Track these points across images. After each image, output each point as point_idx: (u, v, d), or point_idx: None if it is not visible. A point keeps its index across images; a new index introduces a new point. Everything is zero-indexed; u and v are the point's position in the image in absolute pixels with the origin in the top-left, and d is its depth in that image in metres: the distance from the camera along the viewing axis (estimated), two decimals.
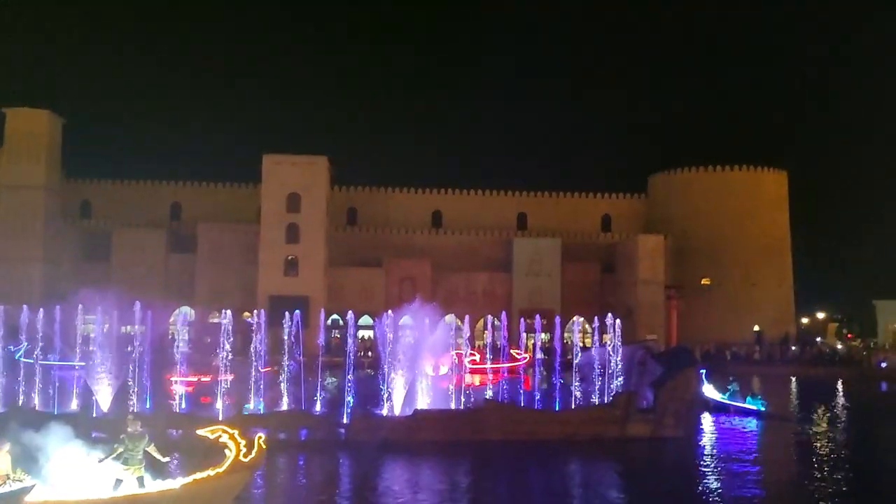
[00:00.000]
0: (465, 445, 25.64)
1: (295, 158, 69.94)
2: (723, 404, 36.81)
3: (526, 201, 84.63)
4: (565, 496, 19.92)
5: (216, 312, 72.49)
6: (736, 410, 36.13)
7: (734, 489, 20.90)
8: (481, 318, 76.83)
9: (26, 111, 67.84)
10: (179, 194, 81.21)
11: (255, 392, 29.39)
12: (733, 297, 78.55)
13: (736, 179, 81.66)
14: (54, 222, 69.23)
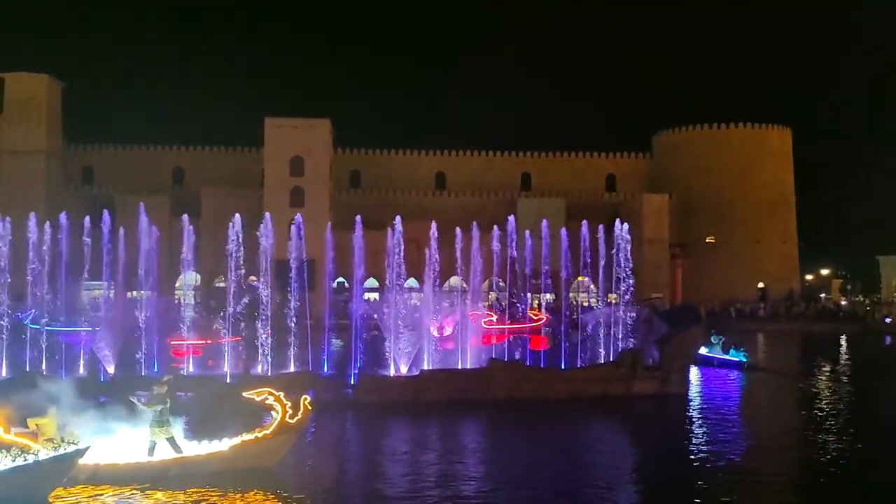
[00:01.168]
0: (472, 405, 25.77)
1: (297, 121, 69.56)
2: (708, 357, 37.05)
3: (530, 162, 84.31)
4: (570, 453, 20.03)
5: (221, 277, 72.88)
6: (720, 363, 36.48)
7: (723, 439, 21.17)
8: (486, 279, 77.19)
9: (25, 76, 67.35)
10: (182, 159, 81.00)
11: (263, 355, 29.53)
12: (738, 254, 78.54)
13: (740, 137, 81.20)
14: (56, 188, 69.07)
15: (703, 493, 16.15)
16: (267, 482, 15.86)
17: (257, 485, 15.63)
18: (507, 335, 42.46)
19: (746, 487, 16.54)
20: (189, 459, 16.13)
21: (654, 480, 17.35)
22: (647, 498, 16.10)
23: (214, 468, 16.05)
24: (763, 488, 16.55)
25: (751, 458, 19.31)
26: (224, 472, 15.96)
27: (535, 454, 19.58)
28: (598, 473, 17.69)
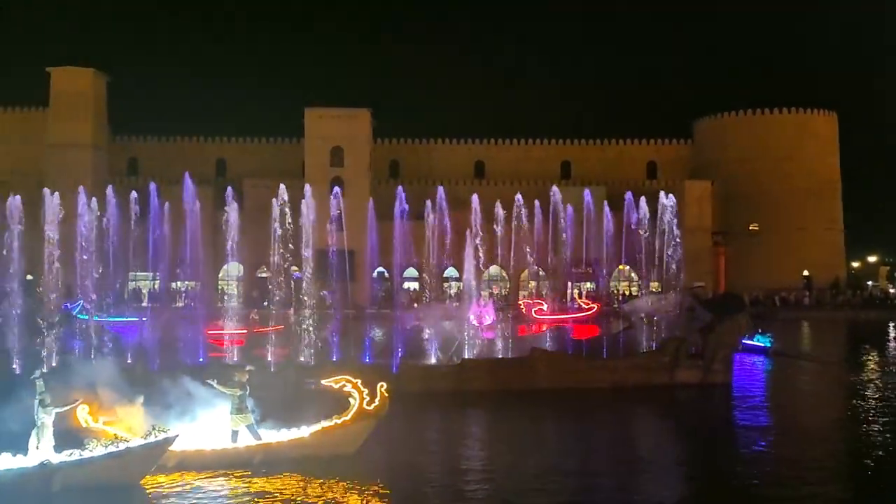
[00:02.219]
0: (514, 394, 25.83)
1: (337, 111, 69.90)
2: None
3: (569, 150, 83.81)
4: (613, 442, 20.01)
5: (263, 267, 73.74)
6: (744, 348, 36.14)
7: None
8: (525, 268, 76.98)
9: (70, 70, 68.50)
10: (224, 151, 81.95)
11: (306, 343, 29.86)
12: (782, 241, 77.33)
13: (784, 122, 79.83)
14: (102, 181, 70.26)
15: (747, 484, 16.06)
16: (346, 469, 16.17)
17: (337, 472, 15.96)
18: (558, 324, 42.62)
19: (790, 478, 16.38)
20: (272, 446, 16.57)
21: (700, 471, 17.26)
22: (693, 489, 16.02)
23: (295, 455, 16.49)
24: (808, 479, 16.37)
25: (793, 448, 19.11)
26: (304, 458, 16.37)
27: (582, 444, 19.61)
28: (642, 464, 17.66)
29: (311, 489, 15.17)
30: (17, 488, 14.13)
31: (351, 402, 16.96)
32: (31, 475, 14.23)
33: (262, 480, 15.53)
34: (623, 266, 76.83)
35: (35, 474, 14.24)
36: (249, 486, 15.34)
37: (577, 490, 15.54)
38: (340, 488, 15.27)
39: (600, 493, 15.60)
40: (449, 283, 75.12)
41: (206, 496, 14.83)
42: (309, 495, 14.85)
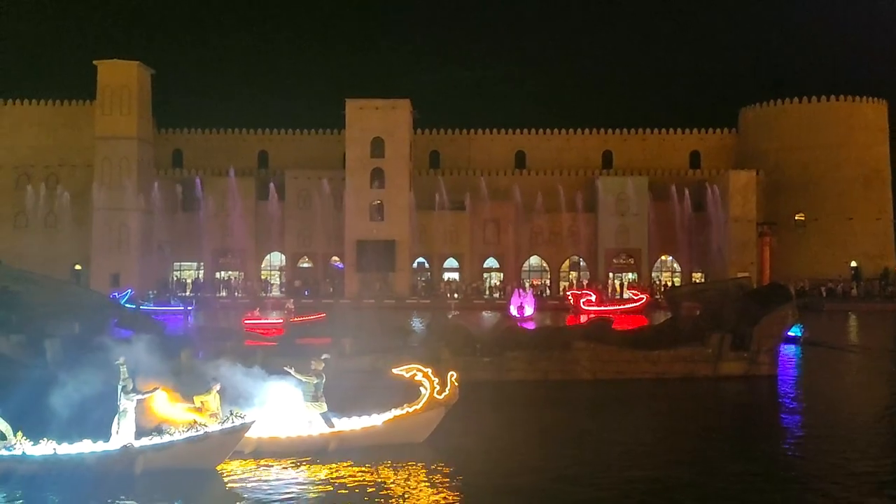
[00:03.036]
0: (554, 385, 25.70)
1: (377, 102, 70.08)
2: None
3: (611, 139, 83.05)
4: (657, 431, 19.78)
5: (305, 257, 74.44)
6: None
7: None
8: (566, 258, 76.61)
9: (117, 63, 69.55)
10: (266, 142, 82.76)
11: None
12: (829, 232, 75.90)
13: (832, 110, 78.15)
14: (148, 172, 71.44)
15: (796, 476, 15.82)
16: (417, 457, 16.40)
17: (408, 459, 16.21)
18: (607, 315, 42.23)
19: (835, 472, 16.10)
20: (346, 434, 16.85)
21: (751, 462, 17.01)
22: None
23: (368, 443, 16.74)
24: (858, 473, 16.08)
25: (841, 442, 18.77)
26: (376, 446, 16.62)
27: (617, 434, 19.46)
28: (691, 457, 17.47)
29: (384, 476, 15.42)
30: (101, 470, 14.77)
31: (422, 391, 17.19)
32: (114, 458, 14.85)
33: (335, 467, 15.82)
34: (665, 256, 76.16)
35: (118, 457, 14.84)
36: (323, 472, 15.63)
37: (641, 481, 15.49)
38: (412, 475, 15.51)
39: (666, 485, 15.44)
40: (489, 274, 75.08)
41: (280, 482, 15.17)
42: (381, 482, 15.10)
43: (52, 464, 14.77)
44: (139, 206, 69.36)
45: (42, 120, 76.69)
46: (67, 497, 14.04)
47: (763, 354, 27.84)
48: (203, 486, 14.89)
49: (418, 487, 14.99)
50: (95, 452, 14.90)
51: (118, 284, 63.59)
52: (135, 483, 14.58)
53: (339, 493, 14.65)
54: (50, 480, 14.45)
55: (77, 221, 73.39)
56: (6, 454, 14.87)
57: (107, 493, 14.17)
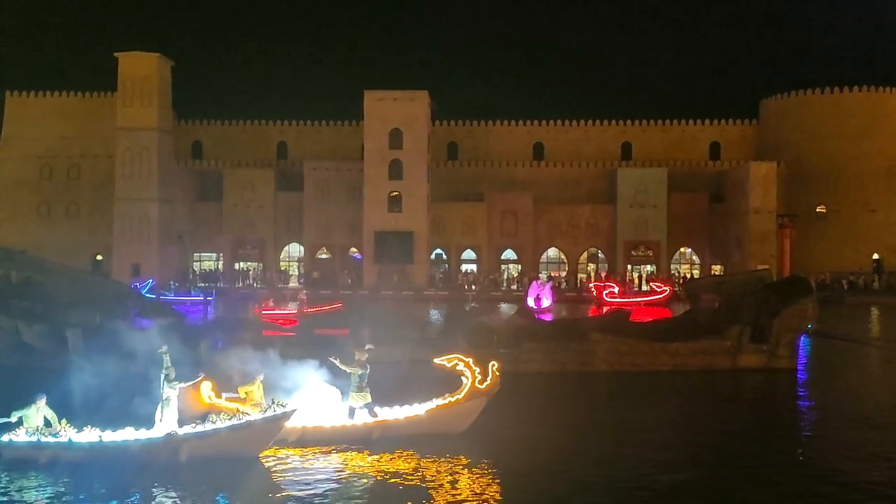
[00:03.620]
0: (572, 377, 25.69)
1: (396, 94, 70.06)
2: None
3: (630, 130, 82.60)
4: (676, 426, 19.74)
5: (324, 248, 74.72)
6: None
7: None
8: (585, 250, 76.38)
9: (137, 55, 69.93)
10: (285, 134, 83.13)
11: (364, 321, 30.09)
12: (851, 224, 75.11)
13: (854, 101, 77.22)
14: (168, 163, 71.87)
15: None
16: (458, 446, 16.61)
17: (449, 448, 16.39)
18: (629, 307, 42.07)
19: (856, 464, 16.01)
20: (389, 423, 17.10)
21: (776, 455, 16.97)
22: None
23: (410, 432, 17.01)
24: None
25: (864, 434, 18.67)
26: (418, 435, 16.87)
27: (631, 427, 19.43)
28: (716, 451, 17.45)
29: (426, 465, 15.63)
30: (146, 458, 15.08)
31: (463, 380, 17.36)
32: (158, 446, 15.15)
33: (378, 456, 16.07)
34: (685, 248, 75.75)
35: (163, 445, 15.14)
36: (365, 461, 15.90)
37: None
38: (453, 464, 15.70)
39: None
40: (507, 265, 75.02)
41: (323, 470, 15.47)
42: (423, 471, 15.30)
43: (98, 451, 15.10)
44: (159, 196, 69.83)
45: (65, 112, 77.38)
46: (112, 484, 14.27)
47: (782, 347, 27.70)
48: (245, 473, 15.11)
49: (458, 475, 15.17)
50: (140, 440, 15.19)
51: (139, 274, 64.12)
52: (179, 471, 14.82)
53: (381, 481, 14.87)
54: (95, 467, 14.71)
55: (98, 212, 74.05)
56: (53, 441, 15.24)
57: (151, 481, 14.45)
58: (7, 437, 15.35)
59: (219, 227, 74.95)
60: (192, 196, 76.40)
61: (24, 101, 77.97)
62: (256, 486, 14.73)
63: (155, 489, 14.22)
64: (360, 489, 14.54)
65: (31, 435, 15.33)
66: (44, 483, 14.44)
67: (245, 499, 14.21)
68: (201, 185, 77.44)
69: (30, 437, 15.30)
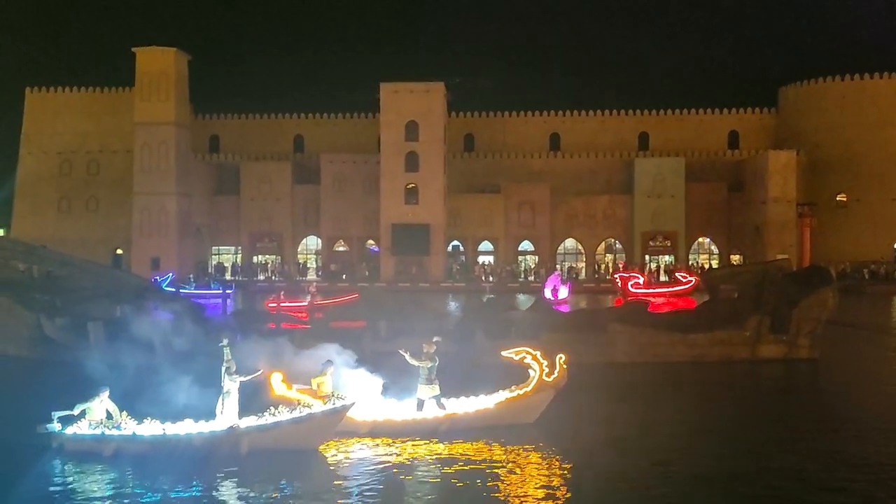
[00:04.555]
0: (591, 368, 25.60)
1: (412, 86, 70.02)
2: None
3: (647, 120, 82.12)
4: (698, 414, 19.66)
5: (341, 241, 74.92)
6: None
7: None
8: (602, 241, 76.12)
9: (154, 50, 70.24)
10: (302, 127, 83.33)
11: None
12: (872, 212, 74.37)
13: (875, 88, 76.38)
14: (186, 157, 72.22)
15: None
16: (527, 437, 16.78)
17: (517, 440, 16.54)
18: (655, 298, 41.92)
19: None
20: (458, 415, 17.23)
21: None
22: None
23: (479, 424, 17.12)
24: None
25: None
26: (486, 428, 17.00)
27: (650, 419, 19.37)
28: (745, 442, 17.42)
29: (496, 456, 15.77)
30: (208, 450, 15.29)
31: (531, 373, 17.51)
32: (220, 438, 15.36)
33: (447, 447, 16.25)
34: (703, 238, 75.32)
35: (225, 437, 15.34)
36: (435, 452, 16.08)
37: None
38: (522, 456, 15.86)
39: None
40: (524, 257, 74.92)
41: (394, 461, 15.63)
42: (493, 462, 15.45)
43: (162, 443, 15.33)
44: (178, 190, 70.21)
45: (83, 107, 77.88)
46: (175, 476, 14.47)
47: (803, 337, 27.51)
48: (308, 464, 15.31)
49: (527, 466, 15.39)
50: (203, 433, 15.40)
51: (158, 268, 64.56)
52: (241, 463, 15.00)
53: (448, 470, 15.02)
54: (158, 459, 14.93)
55: (118, 206, 74.54)
56: (117, 434, 15.49)
57: (213, 472, 14.65)
58: (71, 429, 15.60)
59: (237, 220, 75.30)
60: (210, 190, 76.77)
61: (44, 98, 78.55)
62: (321, 477, 14.91)
63: (217, 481, 14.41)
64: (425, 478, 14.74)
65: (94, 427, 15.58)
66: (108, 475, 14.68)
67: (310, 489, 14.29)
68: (219, 179, 77.79)
69: (94, 430, 15.56)
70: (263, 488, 14.14)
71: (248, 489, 14.12)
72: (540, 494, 13.75)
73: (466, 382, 18.83)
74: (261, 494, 13.92)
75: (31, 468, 14.73)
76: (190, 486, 14.14)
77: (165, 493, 13.91)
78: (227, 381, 15.60)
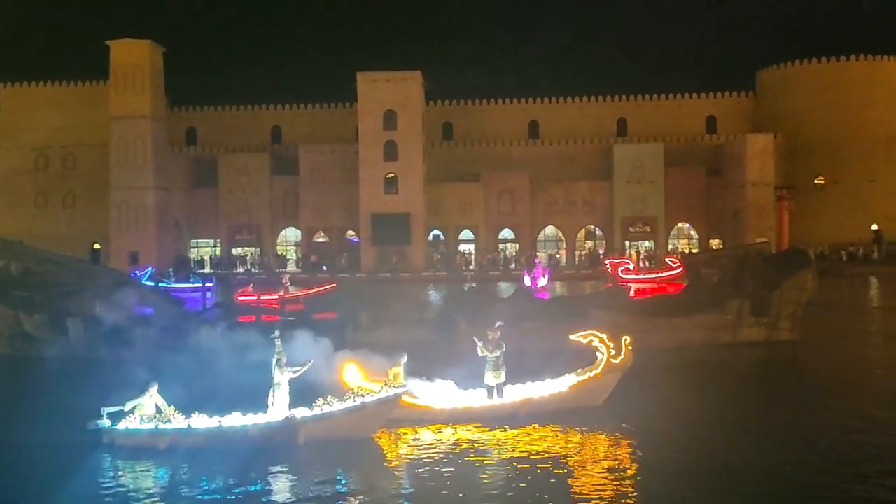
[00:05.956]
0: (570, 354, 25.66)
1: (389, 75, 69.68)
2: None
3: (626, 106, 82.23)
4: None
5: (321, 232, 74.60)
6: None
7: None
8: (582, 227, 76.27)
9: (128, 42, 69.38)
10: (279, 117, 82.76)
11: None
12: (850, 195, 74.95)
13: (852, 70, 76.86)
14: (163, 151, 71.57)
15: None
16: (597, 419, 17.33)
17: (588, 421, 17.05)
18: (646, 283, 42.00)
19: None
20: (535, 399, 17.70)
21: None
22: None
23: (552, 408, 17.60)
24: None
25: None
26: (559, 410, 17.46)
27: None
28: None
29: (570, 438, 16.29)
30: (264, 442, 15.35)
31: (598, 356, 18.02)
32: (277, 429, 15.46)
33: (520, 431, 16.63)
34: (682, 223, 75.66)
35: (280, 428, 15.44)
36: (504, 438, 16.39)
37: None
38: (593, 437, 16.31)
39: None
40: (504, 245, 74.96)
41: (466, 447, 15.87)
42: (568, 444, 15.90)
43: (217, 436, 15.34)
44: (155, 184, 69.58)
45: (58, 101, 76.96)
46: (230, 468, 14.42)
47: (783, 320, 27.71)
48: (363, 454, 15.39)
49: (597, 446, 15.96)
50: (258, 424, 15.47)
51: (137, 262, 64.00)
52: (297, 453, 15.07)
53: (522, 455, 15.34)
54: (213, 452, 14.93)
55: (95, 201, 73.79)
56: (172, 428, 15.45)
57: (268, 465, 14.64)
58: (122, 425, 15.54)
59: (215, 213, 74.79)
60: (188, 183, 76.16)
61: (18, 93, 77.53)
62: (376, 466, 15.05)
63: (273, 473, 14.42)
64: (497, 461, 15.03)
65: (147, 422, 15.56)
66: (162, 469, 14.70)
67: (372, 481, 14.34)
68: (197, 172, 77.19)
69: (147, 425, 15.53)
70: (320, 477, 14.20)
71: (304, 479, 14.16)
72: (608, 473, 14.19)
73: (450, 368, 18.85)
74: (321, 486, 13.88)
75: (83, 465, 14.61)
76: (246, 478, 14.11)
77: (222, 485, 13.84)
78: (278, 373, 15.66)
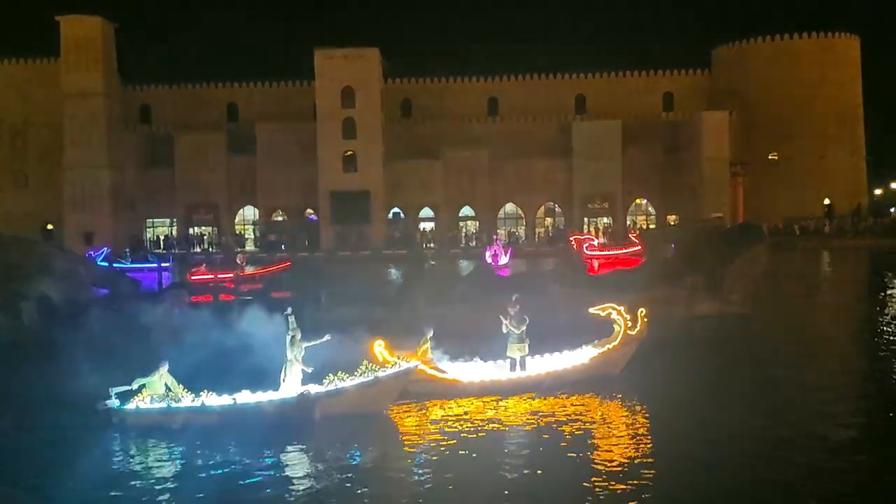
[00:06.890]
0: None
1: (347, 52, 69.05)
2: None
3: (584, 83, 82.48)
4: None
5: (279, 210, 73.98)
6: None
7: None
8: (542, 205, 76.65)
9: (79, 18, 67.82)
10: (235, 95, 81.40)
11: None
12: (802, 170, 76.26)
13: (805, 47, 77.99)
14: (117, 129, 70.25)
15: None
16: (614, 388, 17.83)
17: (606, 392, 17.61)
18: (610, 258, 42.30)
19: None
20: (557, 371, 18.27)
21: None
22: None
23: (573, 378, 18.19)
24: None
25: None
26: (579, 381, 18.01)
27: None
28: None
29: (589, 407, 16.84)
30: (278, 418, 15.20)
31: (615, 328, 18.64)
32: (292, 405, 15.37)
33: (540, 402, 17.12)
34: (640, 200, 76.45)
35: (296, 404, 15.36)
36: (531, 406, 16.90)
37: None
38: (612, 406, 16.96)
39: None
40: (465, 223, 75.09)
41: (491, 416, 16.32)
42: (587, 413, 16.46)
43: (232, 413, 15.17)
44: (110, 163, 68.36)
45: (7, 79, 75.06)
46: (245, 446, 14.28)
47: (736, 294, 28.21)
48: (379, 429, 15.46)
49: (612, 415, 16.59)
50: (273, 401, 15.38)
51: (91, 243, 62.95)
52: (313, 429, 15.03)
53: (549, 421, 15.83)
54: (227, 429, 14.77)
55: (47, 180, 72.30)
56: (184, 406, 15.21)
57: (284, 442, 14.53)
58: (133, 404, 15.28)
59: (171, 192, 73.67)
60: (143, 161, 74.88)
61: None
62: (393, 440, 15.17)
63: (289, 449, 14.34)
64: (519, 431, 15.47)
65: (159, 401, 15.32)
66: (176, 448, 14.46)
67: (388, 455, 14.42)
68: (152, 151, 75.88)
69: (159, 404, 15.30)
70: (336, 452, 14.19)
71: (321, 454, 14.09)
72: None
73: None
74: (337, 460, 13.86)
75: (93, 446, 14.32)
76: (260, 455, 13.99)
77: (236, 461, 13.71)
78: (291, 349, 15.58)
